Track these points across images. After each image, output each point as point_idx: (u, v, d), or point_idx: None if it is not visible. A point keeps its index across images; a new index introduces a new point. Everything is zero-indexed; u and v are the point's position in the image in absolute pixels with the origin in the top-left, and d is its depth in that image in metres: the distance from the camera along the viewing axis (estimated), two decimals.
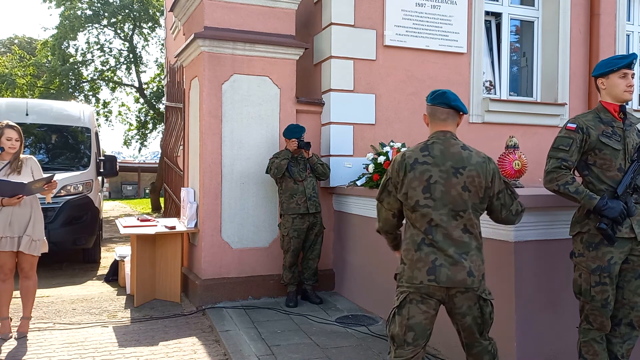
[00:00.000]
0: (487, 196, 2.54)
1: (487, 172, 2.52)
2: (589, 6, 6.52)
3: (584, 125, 2.82)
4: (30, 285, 4.30)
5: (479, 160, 2.52)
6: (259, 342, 4.05)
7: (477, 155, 2.55)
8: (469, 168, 2.49)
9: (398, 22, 5.67)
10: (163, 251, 5.43)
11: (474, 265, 2.47)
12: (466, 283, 2.44)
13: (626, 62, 2.83)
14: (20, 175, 4.16)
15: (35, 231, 4.19)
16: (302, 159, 5.14)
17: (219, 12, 5.24)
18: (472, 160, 2.51)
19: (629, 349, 2.90)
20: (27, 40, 27.55)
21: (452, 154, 2.52)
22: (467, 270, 2.44)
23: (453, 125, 2.62)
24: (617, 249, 2.76)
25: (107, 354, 3.91)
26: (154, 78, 21.23)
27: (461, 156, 2.51)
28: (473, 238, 2.50)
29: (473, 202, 2.49)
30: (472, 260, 2.47)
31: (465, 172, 2.48)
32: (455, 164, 2.49)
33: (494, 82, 6.52)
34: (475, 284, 2.47)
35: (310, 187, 5.09)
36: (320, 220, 5.21)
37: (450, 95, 2.61)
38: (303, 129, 5.09)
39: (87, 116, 8.19)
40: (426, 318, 2.50)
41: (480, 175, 2.49)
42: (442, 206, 2.47)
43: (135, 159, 30.12)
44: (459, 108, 2.61)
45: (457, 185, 2.47)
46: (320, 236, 5.22)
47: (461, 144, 2.57)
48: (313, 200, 5.08)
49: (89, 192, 7.37)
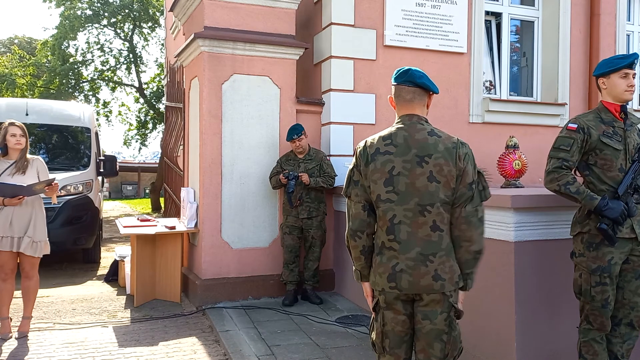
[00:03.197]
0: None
1: (457, 158, 2.18)
2: (589, 6, 6.52)
3: (584, 125, 2.82)
4: (31, 285, 4.30)
5: (448, 146, 2.19)
6: (259, 342, 4.05)
7: (446, 140, 2.21)
8: (435, 156, 2.17)
9: (398, 22, 5.67)
10: (163, 251, 5.43)
11: (442, 267, 2.17)
12: (432, 288, 2.16)
13: (627, 62, 2.83)
14: (24, 175, 4.15)
15: (36, 232, 4.18)
16: (302, 160, 5.14)
17: (219, 12, 5.24)
18: (439, 147, 2.18)
19: (629, 349, 2.90)
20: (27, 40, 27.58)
21: (416, 141, 2.20)
22: (432, 275, 2.15)
23: (421, 106, 2.29)
24: (618, 249, 2.76)
25: (107, 354, 3.91)
26: (154, 78, 21.24)
27: (427, 143, 2.19)
28: (444, 236, 2.19)
29: (444, 195, 2.16)
30: (440, 262, 2.17)
31: (431, 161, 2.16)
32: (420, 152, 2.18)
33: (494, 82, 6.51)
34: (446, 288, 2.17)
35: (301, 192, 5.06)
36: (318, 223, 5.15)
37: (415, 72, 2.27)
38: (297, 130, 5.04)
39: (87, 116, 8.19)
40: (397, 324, 2.24)
41: (450, 162, 2.16)
42: (407, 201, 2.17)
43: (135, 159, 30.13)
44: (425, 86, 2.27)
45: (423, 176, 2.16)
46: (318, 239, 5.18)
47: (429, 129, 2.23)
48: (305, 206, 5.08)
49: (89, 192, 7.37)
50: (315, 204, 5.13)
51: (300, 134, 5.04)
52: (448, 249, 2.20)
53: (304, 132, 5.08)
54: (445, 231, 2.20)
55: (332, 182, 5.14)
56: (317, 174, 5.12)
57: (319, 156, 5.20)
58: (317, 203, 5.14)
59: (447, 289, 2.18)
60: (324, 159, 5.20)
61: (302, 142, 5.07)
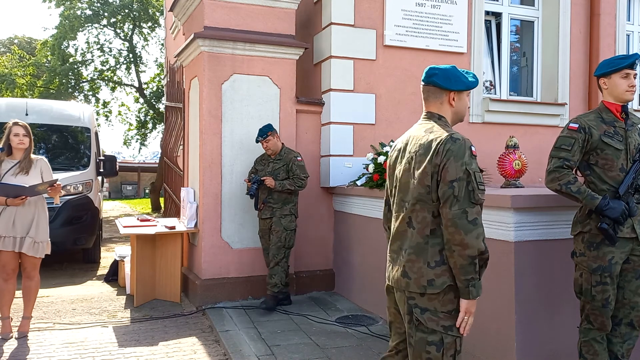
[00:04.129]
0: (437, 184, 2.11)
1: (434, 153, 2.10)
2: (589, 6, 6.52)
3: (585, 125, 2.83)
4: (32, 285, 4.30)
5: (431, 142, 2.14)
6: (259, 342, 4.04)
7: (435, 136, 2.16)
8: (419, 152, 2.17)
9: (398, 22, 5.67)
10: (163, 251, 5.43)
11: (410, 266, 2.14)
12: (400, 285, 2.18)
13: (628, 62, 2.84)
14: (27, 175, 4.15)
15: (38, 232, 4.18)
16: (273, 160, 5.00)
17: (219, 12, 5.24)
18: (423, 142, 2.17)
19: (629, 348, 2.90)
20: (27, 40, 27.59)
21: (414, 138, 2.26)
22: (401, 270, 2.18)
23: (435, 104, 2.31)
24: (618, 249, 2.76)
25: (107, 354, 3.91)
26: (154, 78, 21.25)
27: (419, 139, 2.22)
28: (415, 234, 2.15)
29: (418, 192, 2.14)
30: (408, 259, 2.15)
31: (415, 157, 2.18)
32: (412, 149, 2.23)
33: (494, 82, 6.51)
34: (411, 287, 2.13)
35: (265, 193, 4.96)
36: (277, 219, 4.90)
37: (428, 71, 2.32)
38: (261, 132, 4.89)
39: (87, 116, 8.19)
40: (389, 314, 2.39)
41: (426, 158, 2.12)
42: (396, 195, 2.29)
43: (135, 159, 30.13)
44: (435, 83, 2.29)
45: (407, 172, 2.21)
46: (276, 235, 4.88)
47: (430, 126, 2.25)
48: (268, 207, 4.94)
49: (89, 192, 7.38)
50: (278, 204, 4.93)
51: (265, 136, 4.88)
52: (418, 248, 2.14)
53: (272, 133, 4.90)
54: (417, 230, 2.15)
55: (302, 184, 4.93)
56: (284, 175, 4.93)
57: (289, 157, 4.97)
58: (280, 204, 4.93)
59: (411, 288, 2.13)
60: (294, 160, 4.95)
61: (269, 144, 4.92)
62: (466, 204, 2.04)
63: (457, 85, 2.28)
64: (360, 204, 5.11)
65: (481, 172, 2.13)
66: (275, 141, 4.98)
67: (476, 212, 2.06)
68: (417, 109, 5.72)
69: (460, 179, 2.05)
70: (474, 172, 2.07)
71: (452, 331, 2.12)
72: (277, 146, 5.00)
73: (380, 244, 4.71)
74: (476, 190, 2.06)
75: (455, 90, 2.29)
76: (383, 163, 4.73)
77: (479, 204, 2.07)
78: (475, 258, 2.05)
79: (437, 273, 2.10)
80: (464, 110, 2.36)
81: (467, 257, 2.04)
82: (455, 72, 2.29)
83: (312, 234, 5.63)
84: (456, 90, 2.29)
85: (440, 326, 2.11)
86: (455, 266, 2.07)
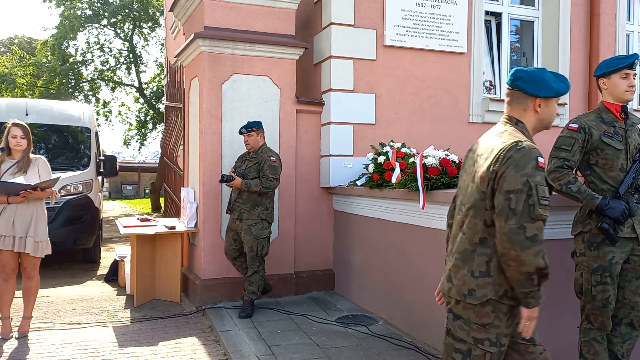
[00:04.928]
0: (493, 192, 2.00)
1: (494, 159, 1.99)
2: (589, 6, 6.52)
3: (585, 125, 2.83)
4: (32, 285, 4.31)
5: (495, 147, 2.02)
6: (259, 342, 4.04)
7: (501, 141, 2.05)
8: (482, 155, 2.07)
9: (398, 22, 5.67)
10: (163, 251, 5.43)
11: (455, 270, 2.10)
12: (443, 288, 2.17)
13: (628, 62, 2.84)
14: (26, 175, 4.16)
15: (38, 232, 4.18)
16: (248, 158, 4.86)
17: (219, 12, 5.24)
18: (489, 146, 2.07)
19: (630, 348, 2.90)
20: (27, 40, 27.57)
21: (484, 139, 2.17)
22: (446, 274, 2.15)
23: (518, 109, 2.15)
24: (619, 248, 2.76)
25: (107, 354, 3.91)
26: (154, 78, 21.24)
27: (487, 141, 2.13)
28: (464, 239, 2.08)
29: (474, 197, 2.05)
30: (453, 264, 2.11)
31: (478, 160, 2.09)
32: (479, 151, 2.13)
33: (494, 82, 6.52)
34: (452, 293, 2.08)
35: (235, 193, 4.83)
36: (247, 227, 4.71)
37: (513, 73, 2.17)
38: (246, 125, 4.78)
39: (87, 116, 8.19)
40: None
41: (486, 164, 2.02)
42: (457, 198, 2.25)
43: (135, 159, 30.13)
44: (519, 88, 2.13)
45: (469, 176, 2.14)
46: (247, 245, 4.73)
47: (501, 130, 2.13)
48: (237, 206, 4.78)
49: (89, 192, 7.38)
50: (247, 206, 4.73)
51: (249, 130, 4.75)
52: (464, 255, 2.06)
53: (257, 130, 4.79)
54: (466, 235, 2.07)
55: (269, 185, 4.68)
56: (254, 174, 4.72)
57: (263, 156, 4.75)
58: (249, 206, 4.72)
59: (451, 294, 2.08)
60: (267, 160, 4.72)
61: (250, 139, 4.77)
62: (525, 219, 1.89)
63: (545, 92, 2.10)
64: (360, 204, 5.11)
65: (549, 186, 2.03)
66: (257, 139, 4.81)
67: (537, 227, 1.89)
68: (417, 109, 5.74)
69: (519, 191, 1.90)
70: (536, 185, 1.91)
71: (483, 345, 2.02)
72: (256, 144, 4.82)
73: (380, 244, 4.72)
74: (537, 205, 1.89)
75: (542, 97, 2.12)
76: (383, 163, 4.73)
77: (540, 220, 1.91)
78: (533, 274, 1.91)
79: (479, 284, 2.01)
80: (551, 117, 2.16)
81: (524, 274, 1.91)
82: (542, 76, 2.12)
83: (312, 234, 5.63)
84: (543, 97, 2.12)
85: (471, 337, 2.04)
86: (512, 279, 1.97)
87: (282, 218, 5.41)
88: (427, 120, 5.80)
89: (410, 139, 5.44)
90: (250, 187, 4.67)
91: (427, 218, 3.96)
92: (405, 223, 4.28)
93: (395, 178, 4.40)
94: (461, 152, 4.93)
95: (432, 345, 3.85)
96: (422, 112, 5.79)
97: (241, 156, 5.01)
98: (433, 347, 3.82)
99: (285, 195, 5.43)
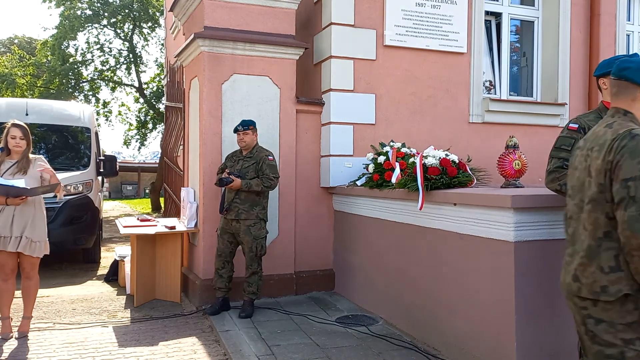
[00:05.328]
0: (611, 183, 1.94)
1: (608, 149, 1.95)
2: (589, 6, 6.52)
3: (585, 125, 2.82)
4: (31, 285, 4.31)
5: (607, 138, 1.99)
6: (259, 342, 4.04)
7: (613, 131, 2.00)
8: (595, 148, 2.02)
9: (398, 22, 5.67)
10: (163, 251, 5.43)
11: (582, 270, 2.03)
12: (571, 289, 2.09)
13: None
14: (25, 175, 4.16)
15: (35, 232, 4.18)
16: (243, 158, 4.82)
17: (219, 12, 5.24)
18: (600, 138, 2.02)
19: None
20: (27, 40, 27.59)
21: (594, 134, 2.10)
22: (572, 274, 2.08)
23: (626, 100, 2.08)
24: None
25: (107, 354, 3.91)
26: (154, 78, 21.25)
27: (598, 135, 2.06)
28: (588, 236, 2.02)
29: (593, 191, 2.00)
30: (579, 263, 2.05)
31: (592, 154, 2.03)
32: (590, 145, 2.07)
33: (494, 82, 6.52)
34: (582, 292, 2.02)
35: (231, 193, 4.74)
36: (246, 227, 4.68)
37: (619, 64, 2.10)
38: (242, 123, 4.75)
39: (87, 116, 8.19)
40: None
41: (601, 155, 1.97)
42: (575, 196, 2.14)
43: (135, 159, 30.14)
44: (627, 78, 2.06)
45: (585, 170, 2.07)
46: (247, 246, 4.72)
47: (611, 121, 2.07)
48: (234, 207, 4.71)
49: (89, 192, 7.38)
50: (245, 206, 4.69)
51: (246, 128, 4.73)
52: (590, 252, 2.01)
53: (252, 128, 4.77)
54: (589, 232, 2.02)
55: (271, 184, 4.70)
56: (253, 174, 4.70)
57: (260, 155, 4.76)
58: (248, 205, 4.69)
59: (582, 293, 2.02)
60: (265, 159, 4.73)
61: (246, 137, 4.74)
62: None
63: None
64: (360, 204, 5.11)
65: None
66: (253, 137, 4.81)
67: None
68: (417, 109, 5.74)
69: (636, 177, 1.85)
70: None
71: (635, 344, 1.93)
72: (252, 142, 4.81)
73: (380, 244, 4.72)
74: None
75: None
76: (383, 163, 4.74)
77: None
78: None
79: (611, 280, 1.94)
80: None
81: None
82: None
83: (312, 234, 5.63)
84: None
85: (620, 339, 1.95)
86: (637, 272, 1.89)
87: (282, 218, 5.41)
88: (427, 120, 5.80)
89: (410, 139, 5.44)
90: (251, 187, 4.65)
91: (427, 218, 3.96)
92: (405, 223, 4.28)
93: (395, 178, 4.40)
94: (461, 152, 4.96)
95: (432, 345, 3.85)
96: (422, 112, 5.79)
97: (231, 156, 4.94)
98: (433, 347, 3.82)
99: (285, 195, 5.43)
